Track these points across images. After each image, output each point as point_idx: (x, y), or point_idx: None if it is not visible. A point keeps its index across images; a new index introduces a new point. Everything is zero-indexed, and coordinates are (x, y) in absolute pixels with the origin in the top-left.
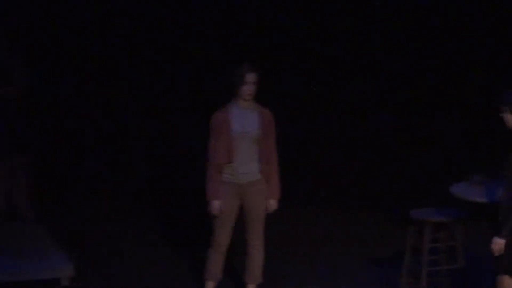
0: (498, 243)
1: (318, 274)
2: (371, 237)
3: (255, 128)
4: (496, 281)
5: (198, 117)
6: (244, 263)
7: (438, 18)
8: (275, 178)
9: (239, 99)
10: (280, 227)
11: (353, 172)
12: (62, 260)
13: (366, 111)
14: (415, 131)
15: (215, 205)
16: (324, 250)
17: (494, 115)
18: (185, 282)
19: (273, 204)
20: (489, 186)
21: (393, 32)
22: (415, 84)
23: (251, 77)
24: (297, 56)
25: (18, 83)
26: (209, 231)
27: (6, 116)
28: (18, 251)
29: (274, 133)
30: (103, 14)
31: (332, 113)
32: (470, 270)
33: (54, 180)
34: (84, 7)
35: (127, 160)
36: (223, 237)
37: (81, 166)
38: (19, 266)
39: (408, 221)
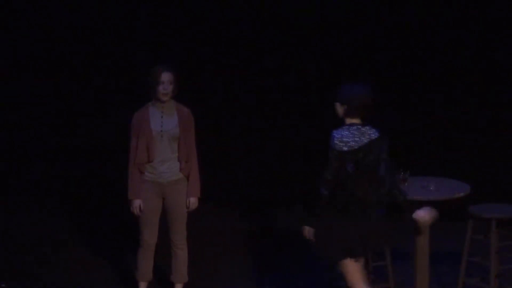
0: (307, 230)
1: (245, 271)
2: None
3: (173, 126)
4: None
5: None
6: (170, 263)
7: None
8: (195, 176)
9: (157, 99)
10: (204, 225)
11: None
12: None
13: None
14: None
15: (136, 204)
16: (249, 247)
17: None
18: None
19: (193, 202)
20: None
21: None
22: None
23: (166, 76)
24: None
25: None
26: (138, 231)
27: None
28: None
29: (193, 131)
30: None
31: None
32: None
33: None
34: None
35: (51, 159)
36: (150, 236)
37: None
38: None
39: None
